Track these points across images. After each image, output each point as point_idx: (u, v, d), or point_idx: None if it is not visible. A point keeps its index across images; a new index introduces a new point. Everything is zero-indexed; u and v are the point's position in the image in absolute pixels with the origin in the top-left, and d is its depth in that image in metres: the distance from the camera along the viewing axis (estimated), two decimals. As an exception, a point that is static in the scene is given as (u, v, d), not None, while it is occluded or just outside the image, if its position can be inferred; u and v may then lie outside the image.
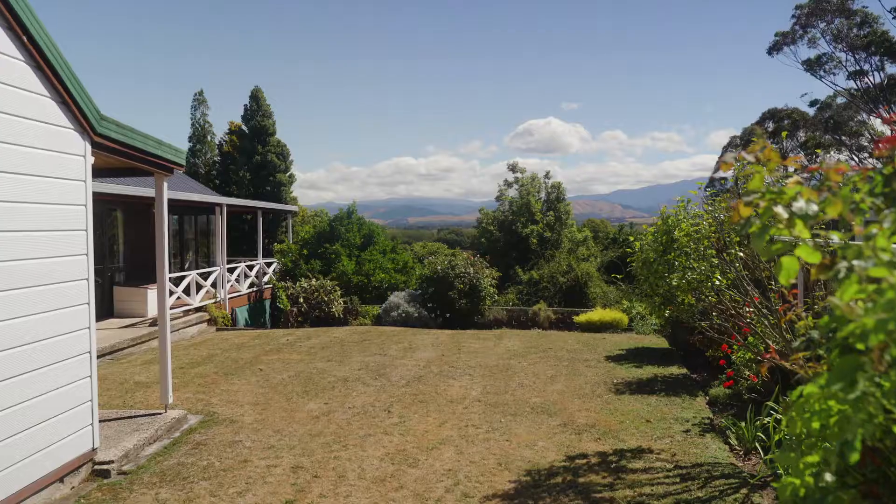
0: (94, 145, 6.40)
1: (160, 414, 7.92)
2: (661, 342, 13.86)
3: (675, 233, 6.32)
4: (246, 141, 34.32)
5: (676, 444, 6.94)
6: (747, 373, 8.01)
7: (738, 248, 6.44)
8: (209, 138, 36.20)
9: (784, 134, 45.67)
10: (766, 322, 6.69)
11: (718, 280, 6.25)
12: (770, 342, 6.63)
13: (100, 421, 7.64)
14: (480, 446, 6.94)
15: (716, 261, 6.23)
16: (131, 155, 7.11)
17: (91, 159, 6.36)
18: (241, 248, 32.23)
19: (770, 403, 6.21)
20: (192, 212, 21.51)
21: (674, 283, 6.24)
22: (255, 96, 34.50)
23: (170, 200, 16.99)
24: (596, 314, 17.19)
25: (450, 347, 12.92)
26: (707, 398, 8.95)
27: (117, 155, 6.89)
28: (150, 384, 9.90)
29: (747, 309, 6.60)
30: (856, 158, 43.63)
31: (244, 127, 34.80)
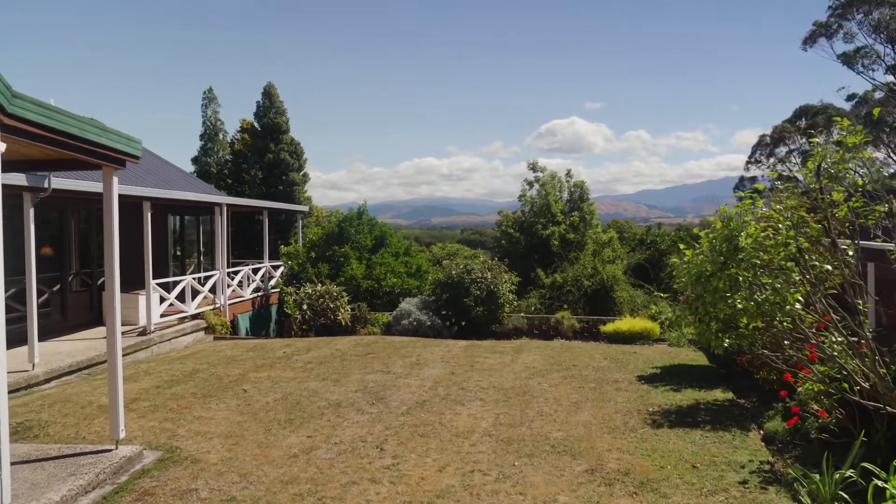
0: (5, 129, 5.14)
1: (109, 451, 6.67)
2: (698, 357, 12.41)
3: (741, 239, 4.90)
4: (258, 139, 33.20)
5: (733, 501, 5.53)
6: (815, 407, 6.57)
7: (816, 258, 5.03)
8: (221, 136, 35.11)
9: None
10: (845, 349, 5.27)
11: (800, 301, 4.83)
12: (856, 376, 5.21)
13: (37, 460, 6.44)
14: (487, 502, 5.59)
15: (796, 276, 4.81)
16: (64, 143, 5.85)
17: (0, 146, 5.10)
18: (253, 250, 31.14)
19: (868, 466, 4.77)
20: (194, 212, 20.38)
21: (738, 306, 4.84)
22: (268, 93, 33.35)
23: (167, 200, 15.93)
24: (625, 323, 15.74)
25: (461, 363, 11.56)
26: (762, 433, 7.52)
27: (42, 142, 5.63)
28: (117, 408, 8.66)
29: (830, 335, 5.18)
30: (894, 157, 41.56)
31: (256, 124, 33.69)
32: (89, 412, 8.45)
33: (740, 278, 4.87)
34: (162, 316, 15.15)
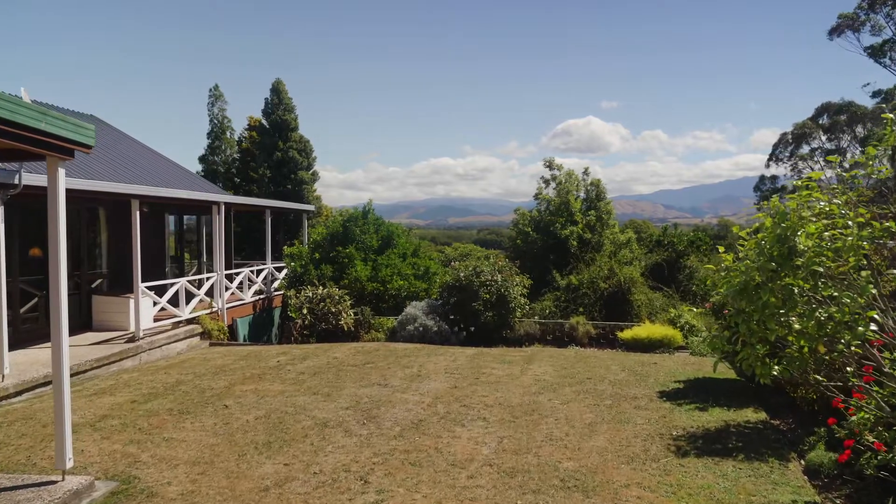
0: None
1: (53, 483, 5.84)
2: (722, 368, 11.40)
3: (799, 240, 3.93)
4: (266, 136, 32.44)
5: (778, 557, 4.60)
6: (871, 439, 5.60)
7: (880, 263, 4.08)
8: (228, 135, 34.38)
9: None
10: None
11: (875, 320, 3.87)
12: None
13: (-32, 494, 5.62)
14: (482, 555, 4.69)
15: (872, 289, 3.85)
16: (-9, 128, 5.03)
17: None
18: (261, 250, 30.38)
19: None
20: (195, 212, 19.62)
21: (796, 327, 3.90)
22: (277, 89, 32.56)
23: (161, 199, 15.17)
24: (644, 330, 14.77)
25: (466, 375, 10.66)
26: (803, 464, 6.56)
27: (-38, 127, 4.81)
28: (83, 426, 7.85)
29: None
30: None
31: (264, 122, 32.93)
32: (50, 432, 7.62)
33: (795, 290, 3.91)
34: (155, 321, 14.40)
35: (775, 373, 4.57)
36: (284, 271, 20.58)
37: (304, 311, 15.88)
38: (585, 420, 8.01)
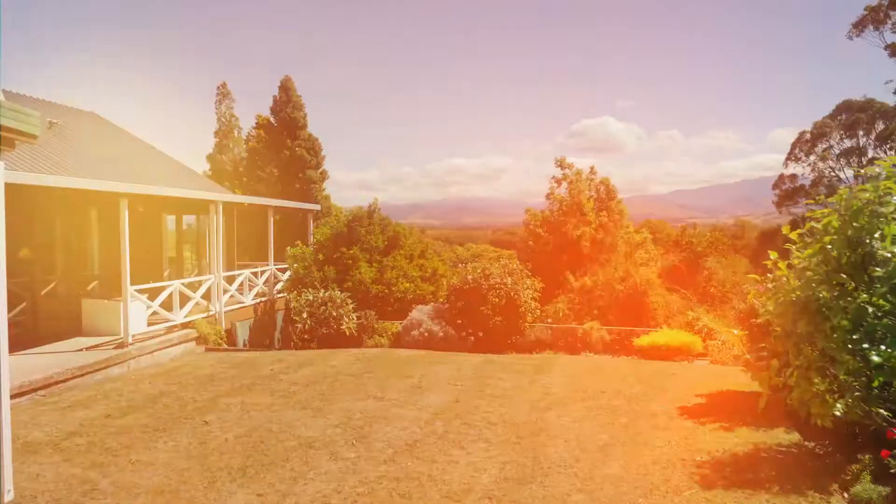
0: None
1: (-9, 519, 5.14)
2: (747, 380, 10.55)
3: (881, 244, 3.03)
4: (274, 135, 31.78)
5: None
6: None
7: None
8: (236, 133, 33.77)
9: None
10: None
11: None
12: None
13: None
14: None
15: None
16: None
17: None
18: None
19: None
20: (195, 212, 18.95)
21: (874, 359, 3.08)
22: (285, 86, 31.89)
23: (153, 198, 14.52)
24: (661, 336, 13.93)
25: (470, 387, 9.88)
26: (847, 497, 5.73)
27: None
28: (45, 446, 7.17)
29: None
30: None
31: (272, 120, 32.28)
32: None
33: (869, 309, 3.06)
34: (149, 325, 13.72)
35: (837, 412, 3.76)
36: (288, 273, 19.87)
37: (305, 315, 15.18)
38: (598, 442, 7.22)
